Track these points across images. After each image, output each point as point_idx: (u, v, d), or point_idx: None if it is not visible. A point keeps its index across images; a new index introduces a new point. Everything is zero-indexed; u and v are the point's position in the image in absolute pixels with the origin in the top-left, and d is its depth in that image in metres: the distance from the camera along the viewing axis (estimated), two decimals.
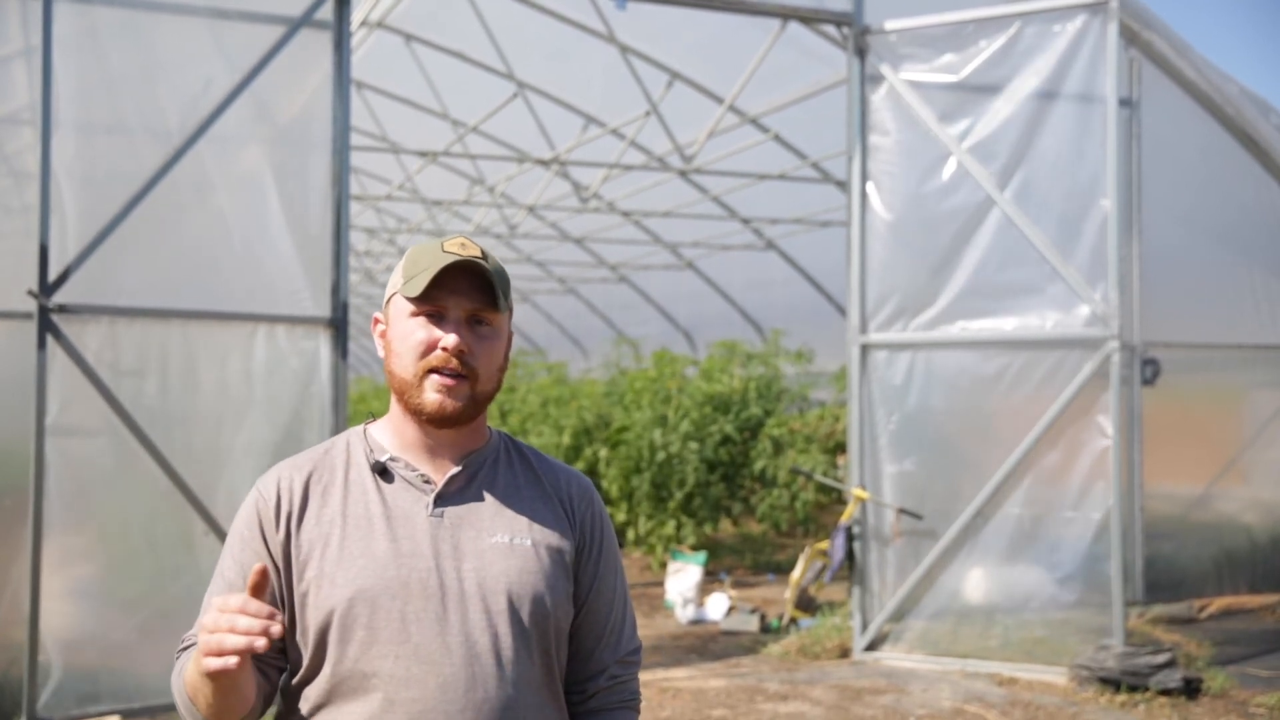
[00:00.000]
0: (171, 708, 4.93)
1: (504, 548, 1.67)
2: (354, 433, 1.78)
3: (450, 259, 1.63)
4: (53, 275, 4.82)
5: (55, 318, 4.82)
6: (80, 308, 4.87)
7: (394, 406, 1.73)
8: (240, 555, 1.68)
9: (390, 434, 1.74)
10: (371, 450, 1.72)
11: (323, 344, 5.33)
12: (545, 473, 1.79)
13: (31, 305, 4.78)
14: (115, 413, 4.91)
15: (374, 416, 1.82)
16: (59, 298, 4.82)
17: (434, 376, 1.65)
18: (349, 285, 5.44)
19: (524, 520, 1.71)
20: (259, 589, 1.44)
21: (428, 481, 1.70)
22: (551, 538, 1.72)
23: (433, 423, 1.67)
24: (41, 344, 4.78)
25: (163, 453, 4.97)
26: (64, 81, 4.89)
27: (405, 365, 1.66)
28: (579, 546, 1.76)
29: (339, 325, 5.33)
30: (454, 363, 1.64)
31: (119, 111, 5.12)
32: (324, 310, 5.33)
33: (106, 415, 4.91)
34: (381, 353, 1.74)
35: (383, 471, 1.70)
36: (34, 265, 4.78)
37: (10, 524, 4.89)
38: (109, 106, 5.11)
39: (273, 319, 5.23)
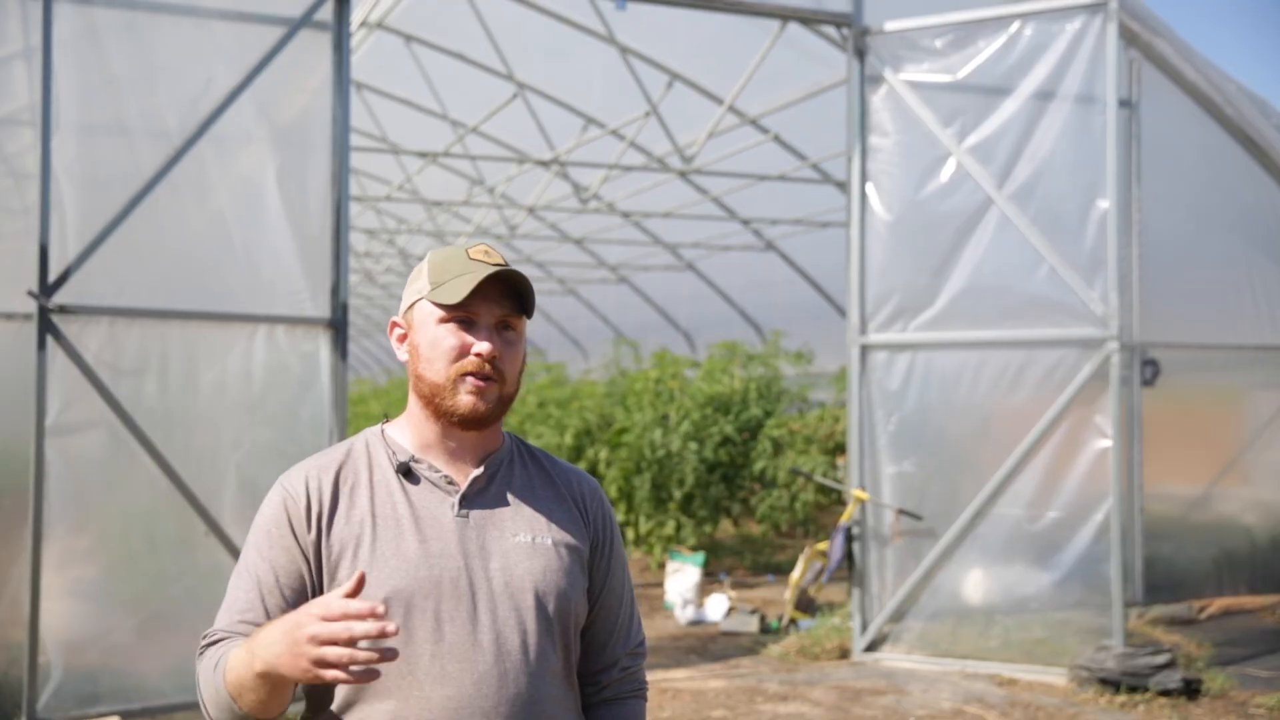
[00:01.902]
0: (172, 708, 4.93)
1: (527, 547, 1.73)
2: (371, 434, 1.81)
3: (488, 269, 1.69)
4: (53, 276, 4.82)
5: (55, 318, 4.82)
6: (80, 308, 4.87)
7: (414, 408, 1.77)
8: (269, 553, 1.70)
9: (410, 435, 1.78)
10: (394, 452, 1.76)
11: (322, 345, 5.33)
12: (557, 474, 1.85)
13: (31, 306, 4.78)
14: (115, 413, 4.91)
15: (389, 417, 1.85)
16: (59, 298, 4.82)
17: (468, 379, 1.70)
18: (349, 286, 5.44)
19: (543, 520, 1.77)
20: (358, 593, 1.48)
21: (451, 482, 1.74)
22: (569, 537, 1.78)
23: (463, 425, 1.72)
24: (41, 344, 4.78)
25: (163, 453, 4.97)
26: (64, 82, 4.88)
27: (438, 370, 1.71)
28: (593, 545, 1.83)
29: (339, 326, 5.33)
30: (487, 368, 1.70)
31: (119, 112, 5.11)
32: (324, 311, 5.33)
33: (106, 416, 4.91)
34: (403, 357, 1.78)
35: (407, 472, 1.74)
36: (34, 266, 4.78)
37: (10, 524, 4.89)
38: (109, 107, 5.10)
39: (272, 320, 5.23)
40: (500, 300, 1.72)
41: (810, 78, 8.67)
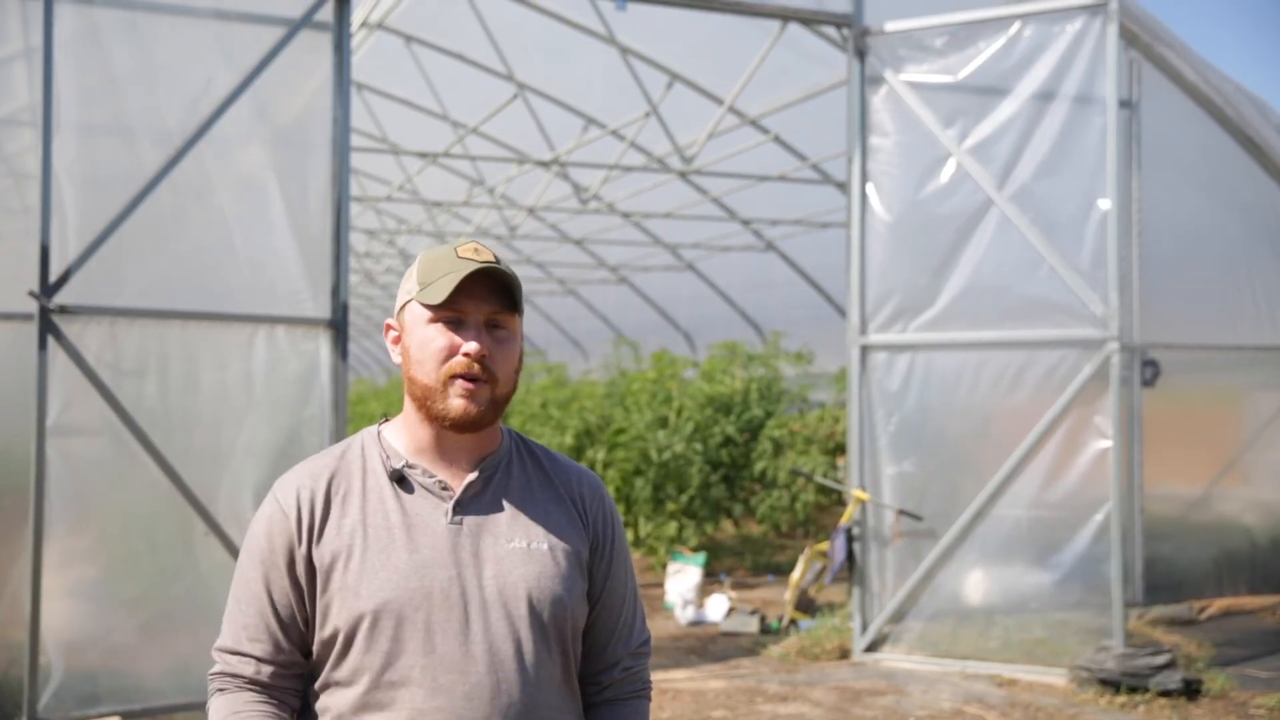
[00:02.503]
0: (172, 708, 4.94)
1: (522, 553, 1.70)
2: (368, 435, 1.79)
3: (472, 265, 1.66)
4: (54, 276, 4.82)
5: (56, 318, 4.82)
6: (81, 309, 4.87)
7: (409, 410, 1.75)
8: (266, 571, 1.69)
9: (405, 438, 1.75)
10: (388, 456, 1.74)
11: (323, 345, 5.33)
12: (557, 474, 1.82)
13: (32, 306, 4.78)
14: (116, 414, 4.91)
15: (386, 417, 1.82)
16: (60, 298, 4.82)
17: (458, 382, 1.67)
18: (349, 286, 5.43)
19: (539, 524, 1.74)
20: None
21: (445, 488, 1.71)
22: (566, 540, 1.75)
23: (456, 428, 1.69)
24: (42, 345, 4.78)
25: (163, 454, 4.97)
26: (65, 82, 4.88)
27: (427, 372, 1.68)
28: (592, 546, 1.80)
29: (339, 326, 5.33)
30: (476, 368, 1.66)
31: (120, 112, 5.11)
32: (324, 311, 5.33)
33: (107, 416, 4.91)
34: (397, 359, 1.76)
35: (400, 479, 1.72)
36: (35, 266, 4.78)
37: (11, 524, 4.89)
38: (110, 107, 5.10)
39: (273, 320, 5.23)
40: (487, 297, 1.68)
41: (810, 78, 8.67)
